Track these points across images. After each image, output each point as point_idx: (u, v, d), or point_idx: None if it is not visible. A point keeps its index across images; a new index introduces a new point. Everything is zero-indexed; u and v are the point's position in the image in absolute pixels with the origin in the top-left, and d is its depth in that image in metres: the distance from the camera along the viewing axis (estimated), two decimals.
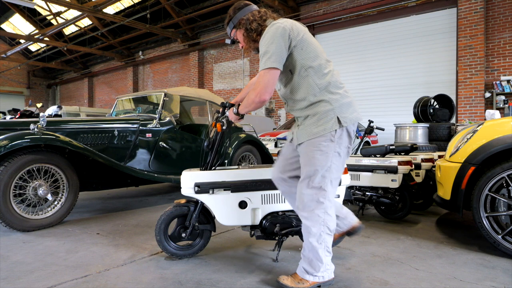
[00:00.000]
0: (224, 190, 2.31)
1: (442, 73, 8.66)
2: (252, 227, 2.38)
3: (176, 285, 2.01)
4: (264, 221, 2.34)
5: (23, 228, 3.06)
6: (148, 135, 4.18)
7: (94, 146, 3.82)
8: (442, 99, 6.73)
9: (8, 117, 8.97)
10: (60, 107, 9.53)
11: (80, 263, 2.36)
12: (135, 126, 4.12)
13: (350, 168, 3.63)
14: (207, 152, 2.38)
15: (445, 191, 2.77)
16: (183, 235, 2.40)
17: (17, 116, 8.39)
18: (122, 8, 14.09)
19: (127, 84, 17.18)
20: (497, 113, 5.83)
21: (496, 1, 7.77)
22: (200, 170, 2.36)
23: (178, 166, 4.42)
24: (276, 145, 6.83)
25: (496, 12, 7.78)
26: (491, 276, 2.13)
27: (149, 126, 4.21)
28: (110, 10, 14.14)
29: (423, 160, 3.83)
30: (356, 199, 3.64)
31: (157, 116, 4.28)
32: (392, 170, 3.36)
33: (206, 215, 2.45)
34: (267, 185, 2.32)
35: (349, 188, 3.68)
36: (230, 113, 2.13)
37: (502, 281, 2.05)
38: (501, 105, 7.60)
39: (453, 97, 8.11)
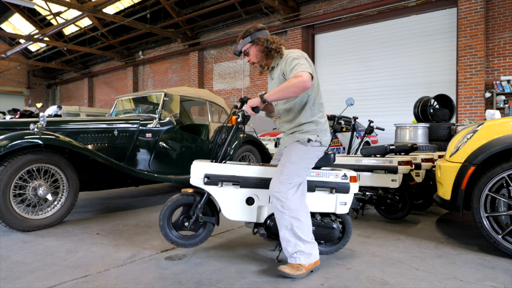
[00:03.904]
0: (233, 184, 2.31)
1: (442, 73, 8.65)
2: (256, 224, 2.38)
3: (176, 285, 2.01)
4: (268, 220, 2.34)
5: (23, 228, 3.06)
6: (148, 135, 4.18)
7: (94, 146, 3.82)
8: (442, 99, 6.73)
9: (8, 117, 8.98)
10: (60, 107, 9.53)
11: (80, 263, 2.36)
12: (135, 126, 4.12)
13: (350, 168, 3.62)
14: (220, 145, 2.39)
15: (445, 191, 2.77)
16: (186, 223, 2.40)
17: (17, 116, 8.39)
18: (122, 8, 14.08)
19: (127, 84, 17.17)
20: (497, 113, 5.83)
21: (496, 1, 7.77)
22: (211, 162, 2.36)
23: (178, 166, 4.42)
24: (276, 145, 6.82)
25: (496, 12, 7.77)
26: (491, 276, 2.13)
27: (149, 126, 4.21)
28: (110, 10, 14.13)
29: (423, 160, 3.83)
30: (356, 199, 3.63)
31: (157, 116, 4.28)
32: (392, 170, 3.36)
33: (211, 208, 2.45)
34: None
35: None
36: (247, 107, 2.14)
37: (502, 281, 2.05)
38: (501, 105, 7.59)
39: (453, 97, 8.09)
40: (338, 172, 2.36)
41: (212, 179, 2.29)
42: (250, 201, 2.33)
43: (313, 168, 2.30)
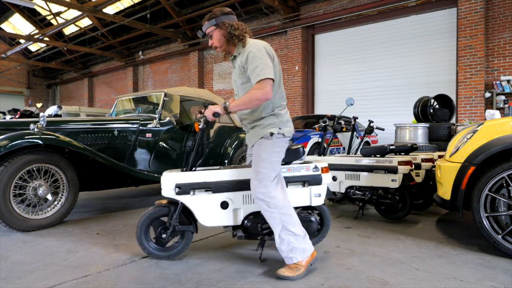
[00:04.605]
0: (206, 191, 2.30)
1: (442, 73, 8.65)
2: (234, 227, 2.38)
3: (176, 285, 2.01)
4: (246, 221, 2.34)
5: (23, 228, 3.06)
6: (148, 135, 4.18)
7: (94, 146, 3.82)
8: (442, 99, 6.73)
9: (8, 117, 8.98)
10: (60, 107, 9.52)
11: (80, 263, 2.36)
12: (135, 126, 4.12)
13: (350, 168, 3.63)
14: (189, 152, 2.38)
15: (445, 191, 2.77)
16: (164, 235, 2.38)
17: (17, 116, 8.40)
18: (122, 8, 14.08)
19: (127, 84, 17.16)
20: (497, 113, 5.83)
21: (496, 1, 7.76)
22: (182, 171, 2.35)
23: (178, 166, 4.42)
24: None
25: (496, 12, 7.77)
26: (491, 276, 2.13)
27: (149, 126, 4.21)
28: (110, 10, 14.13)
29: (423, 160, 3.83)
30: (356, 199, 3.64)
31: (157, 116, 4.28)
32: (392, 170, 3.36)
33: (188, 216, 2.42)
34: (248, 185, 2.31)
35: (349, 188, 3.68)
36: (207, 112, 2.13)
37: (502, 281, 2.05)
38: (501, 105, 7.59)
39: (453, 97, 8.10)
40: (309, 165, 2.38)
41: (183, 188, 2.27)
42: (224, 205, 2.32)
43: (283, 164, 2.30)
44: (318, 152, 4.01)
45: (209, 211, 2.31)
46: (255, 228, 2.31)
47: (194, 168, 2.37)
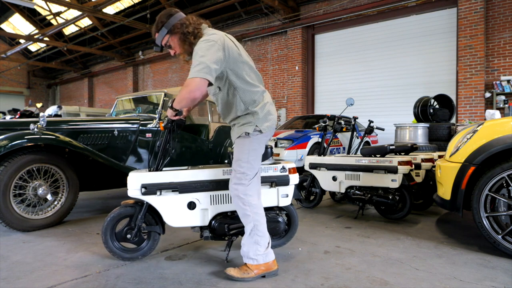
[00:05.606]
0: (172, 191, 2.28)
1: (442, 73, 8.65)
2: (202, 227, 2.37)
3: (176, 285, 2.01)
4: (213, 222, 2.33)
5: (23, 228, 3.06)
6: (148, 135, 4.18)
7: (94, 146, 3.82)
8: (442, 99, 6.74)
9: (8, 117, 8.98)
10: (60, 107, 9.52)
11: (80, 263, 2.36)
12: (135, 126, 4.12)
13: (350, 168, 3.62)
14: (157, 152, 2.37)
15: (445, 191, 2.77)
16: (129, 236, 2.34)
17: (17, 116, 8.40)
18: (122, 8, 14.08)
19: (127, 84, 17.16)
20: (497, 113, 5.84)
21: (496, 1, 7.76)
22: (148, 171, 2.32)
23: (178, 166, 4.41)
24: (276, 145, 6.83)
25: (496, 12, 7.77)
26: (491, 276, 2.13)
27: (149, 126, 4.21)
28: (110, 10, 14.13)
29: (423, 160, 3.83)
30: (356, 199, 3.64)
31: (157, 116, 4.28)
32: (392, 170, 3.36)
33: (155, 217, 2.39)
34: (216, 185, 2.31)
35: (349, 188, 3.68)
36: (169, 112, 2.09)
37: (502, 281, 2.05)
38: (501, 105, 7.59)
39: (453, 97, 8.10)
40: (276, 166, 2.40)
41: (149, 189, 2.24)
42: (191, 205, 2.30)
43: None
44: (318, 152, 4.01)
45: (176, 212, 2.29)
46: (222, 229, 2.31)
47: (160, 168, 2.34)
